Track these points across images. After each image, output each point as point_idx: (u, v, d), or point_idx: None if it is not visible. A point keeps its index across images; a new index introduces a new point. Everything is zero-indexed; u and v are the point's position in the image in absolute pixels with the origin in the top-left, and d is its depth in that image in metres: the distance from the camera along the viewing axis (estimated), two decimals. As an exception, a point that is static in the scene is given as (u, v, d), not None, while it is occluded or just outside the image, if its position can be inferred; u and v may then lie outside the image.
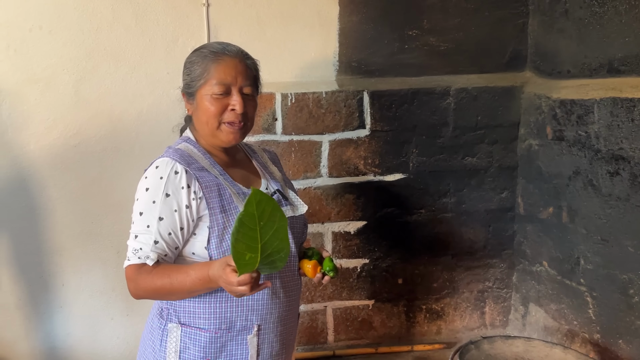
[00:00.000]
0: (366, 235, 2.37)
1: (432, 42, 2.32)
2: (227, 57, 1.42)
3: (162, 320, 1.44)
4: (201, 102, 1.40)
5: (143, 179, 1.39)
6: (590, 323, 1.97)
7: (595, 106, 1.88)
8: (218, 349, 1.40)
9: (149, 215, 1.35)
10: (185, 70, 1.45)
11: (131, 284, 1.38)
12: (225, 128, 1.41)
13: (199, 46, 1.49)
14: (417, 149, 2.34)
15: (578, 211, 2.00)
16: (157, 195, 1.35)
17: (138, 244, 1.36)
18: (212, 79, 1.39)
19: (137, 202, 1.38)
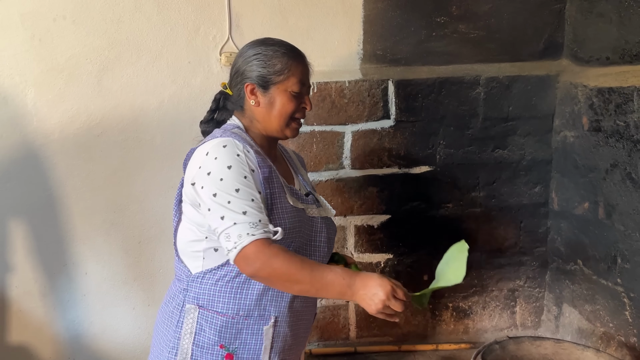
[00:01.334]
0: (390, 229, 2.29)
1: (462, 30, 2.22)
2: (303, 57, 1.50)
3: (179, 302, 1.45)
4: (278, 97, 1.45)
5: (212, 159, 1.34)
6: (627, 326, 1.85)
7: (635, 94, 1.75)
8: (233, 335, 1.40)
9: (247, 189, 1.32)
10: (259, 62, 1.45)
11: (258, 260, 1.27)
12: (293, 125, 1.49)
13: (259, 40, 1.51)
14: (444, 140, 2.25)
15: (616, 207, 1.88)
16: (245, 169, 1.34)
17: (254, 218, 1.29)
18: (294, 77, 1.45)
19: (221, 182, 1.31)
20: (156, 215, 2.24)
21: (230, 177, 1.32)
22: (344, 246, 2.29)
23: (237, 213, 1.29)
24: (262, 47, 1.47)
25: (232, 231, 1.28)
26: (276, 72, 1.44)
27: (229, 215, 1.29)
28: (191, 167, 1.41)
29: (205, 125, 1.58)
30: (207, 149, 1.37)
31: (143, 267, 2.27)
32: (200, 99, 2.16)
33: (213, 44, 2.14)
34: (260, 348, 1.42)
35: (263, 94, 1.46)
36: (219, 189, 1.31)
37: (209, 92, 2.16)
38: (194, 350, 1.40)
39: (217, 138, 1.39)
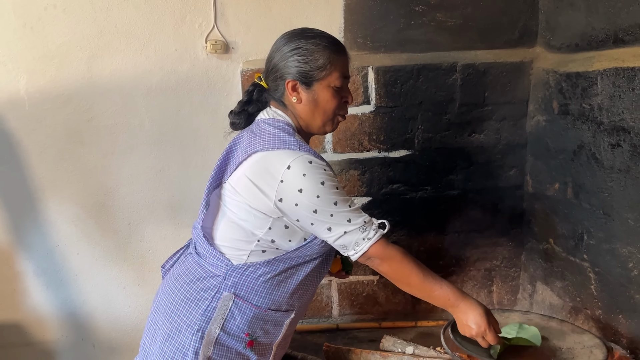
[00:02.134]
0: (371, 211, 2.38)
1: (440, 18, 2.30)
2: (344, 49, 1.48)
3: (213, 288, 1.47)
4: (322, 94, 1.44)
5: (301, 176, 1.36)
6: (593, 299, 1.94)
7: (598, 77, 1.84)
8: (260, 325, 1.48)
9: (344, 199, 1.39)
10: (300, 57, 1.43)
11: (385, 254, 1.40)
12: (337, 119, 1.50)
13: (298, 33, 1.48)
14: (422, 125, 2.34)
15: (582, 186, 1.97)
16: (335, 182, 1.40)
17: (359, 220, 1.38)
18: (337, 72, 1.44)
19: (318, 198, 1.36)
20: (145, 198, 2.32)
21: (327, 192, 1.36)
22: (326, 227, 2.38)
23: (344, 223, 1.37)
24: (303, 41, 1.44)
25: (346, 240, 1.39)
26: (319, 68, 1.42)
27: (336, 226, 1.38)
28: (264, 175, 1.40)
29: (236, 116, 1.57)
30: (288, 162, 1.37)
31: (133, 248, 2.35)
32: (187, 85, 2.24)
33: (199, 32, 2.22)
34: (277, 336, 1.51)
35: (306, 90, 1.44)
36: (318, 206, 1.36)
37: (195, 79, 2.26)
38: (220, 334, 1.44)
39: (294, 150, 1.39)
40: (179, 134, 2.29)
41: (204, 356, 1.43)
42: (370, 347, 2.11)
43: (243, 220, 1.46)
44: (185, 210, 2.33)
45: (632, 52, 1.72)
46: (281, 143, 1.41)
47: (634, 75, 1.67)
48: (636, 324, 1.73)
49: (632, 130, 1.68)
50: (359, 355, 1.99)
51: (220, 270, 1.48)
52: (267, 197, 1.40)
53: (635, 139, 1.67)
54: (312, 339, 2.26)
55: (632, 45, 1.75)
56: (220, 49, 2.21)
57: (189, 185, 2.31)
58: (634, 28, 1.73)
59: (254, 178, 1.42)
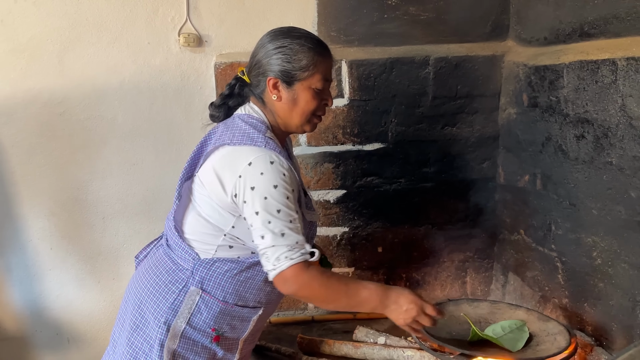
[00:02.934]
0: (346, 204, 2.40)
1: (413, 12, 2.32)
2: (329, 52, 1.48)
3: (180, 281, 1.48)
4: (302, 94, 1.43)
5: (258, 174, 1.35)
6: (560, 288, 1.98)
7: (564, 71, 1.87)
8: (226, 321, 1.49)
9: (288, 211, 1.35)
10: (283, 56, 1.43)
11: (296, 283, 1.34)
12: (314, 120, 1.49)
13: (284, 31, 1.47)
14: (396, 118, 2.35)
15: (550, 177, 2.01)
16: (288, 190, 1.36)
17: (291, 240, 1.33)
18: (319, 74, 1.43)
19: (265, 200, 1.33)
20: (119, 192, 2.32)
21: (274, 197, 1.34)
22: (302, 220, 2.40)
23: (276, 235, 1.33)
24: (288, 40, 1.43)
25: (270, 253, 1.34)
26: (302, 68, 1.42)
27: (268, 236, 1.33)
28: (226, 169, 1.40)
29: (216, 109, 1.56)
30: (250, 159, 1.37)
31: (107, 242, 2.35)
32: (160, 78, 2.24)
33: (172, 25, 2.21)
34: (244, 332, 1.53)
35: (286, 89, 1.44)
36: (261, 208, 1.34)
37: (169, 72, 2.26)
38: (186, 328, 1.45)
39: (259, 147, 1.38)
40: (152, 127, 2.28)
41: (169, 349, 1.44)
42: (345, 338, 2.14)
43: (208, 215, 1.46)
44: (159, 203, 2.33)
45: (597, 45, 1.75)
46: (248, 139, 1.41)
47: (597, 68, 1.70)
48: (600, 312, 1.77)
49: (595, 122, 1.72)
50: (332, 345, 2.01)
51: (188, 263, 1.48)
52: (225, 191, 1.41)
53: (598, 131, 1.71)
54: (287, 331, 2.27)
55: (597, 38, 1.78)
56: (194, 42, 2.21)
57: (163, 178, 2.30)
58: (599, 21, 1.77)
59: (219, 171, 1.42)
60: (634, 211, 1.58)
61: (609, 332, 1.73)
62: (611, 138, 1.65)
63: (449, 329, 1.75)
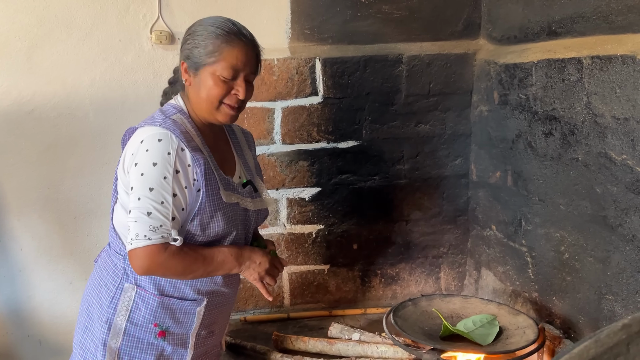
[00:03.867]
0: (321, 201, 2.41)
1: (386, 10, 2.33)
2: (241, 42, 1.42)
3: (116, 279, 1.47)
4: (206, 80, 1.41)
5: (144, 151, 1.34)
6: (530, 282, 2.02)
7: (533, 69, 1.90)
8: (167, 315, 1.47)
9: (161, 191, 1.33)
10: (192, 41, 1.42)
11: (147, 262, 1.34)
12: (224, 109, 1.43)
13: (208, 18, 1.46)
14: (370, 116, 2.37)
15: (520, 174, 2.04)
16: (168, 170, 1.34)
17: (155, 221, 1.33)
18: (223, 61, 1.39)
19: (141, 177, 1.33)
20: (91, 191, 2.29)
21: (150, 175, 1.33)
22: (277, 218, 2.40)
23: (141, 212, 1.33)
24: (201, 27, 1.43)
25: (132, 227, 1.33)
26: (207, 54, 1.39)
27: (134, 211, 1.33)
28: (127, 150, 1.41)
29: (164, 97, 1.58)
30: (143, 137, 1.36)
31: (79, 242, 2.32)
32: (132, 76, 2.21)
33: (143, 23, 2.19)
34: (192, 326, 1.50)
35: (194, 74, 1.42)
36: (136, 183, 1.34)
37: (141, 69, 2.23)
38: (128, 326, 1.45)
39: (155, 126, 1.37)
40: (125, 125, 2.20)
41: (112, 348, 1.44)
42: (320, 334, 2.15)
43: (124, 202, 1.45)
44: None
45: (563, 44, 1.79)
46: (149, 120, 1.41)
47: (564, 66, 1.73)
48: (568, 305, 1.81)
49: (562, 119, 1.75)
50: (307, 342, 2.02)
51: (120, 260, 1.48)
52: (124, 170, 1.41)
53: (565, 128, 1.74)
54: (263, 329, 2.27)
55: (563, 37, 1.82)
56: (166, 39, 2.19)
57: (136, 177, 2.28)
58: (566, 20, 1.80)
59: (125, 153, 1.42)
60: (599, 206, 1.61)
61: (576, 325, 1.77)
62: (577, 135, 1.68)
63: (422, 325, 1.77)
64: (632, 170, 1.46)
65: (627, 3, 1.54)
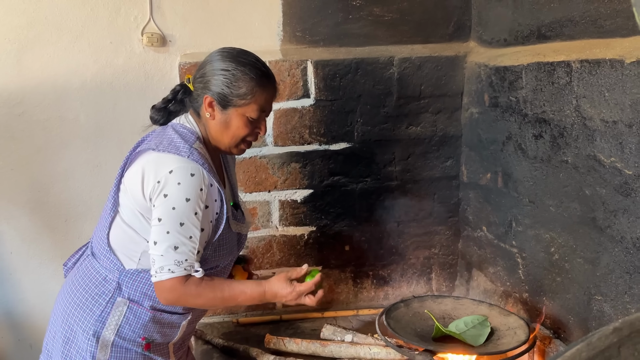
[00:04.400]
0: (313, 203, 2.42)
1: (377, 12, 2.35)
2: (271, 84, 1.48)
3: (107, 293, 1.48)
4: (235, 120, 1.44)
5: (175, 184, 1.36)
6: (521, 283, 2.04)
7: (523, 72, 1.92)
8: (156, 328, 1.50)
9: (191, 227, 1.37)
10: (224, 80, 1.43)
11: (173, 293, 1.40)
12: (243, 146, 1.51)
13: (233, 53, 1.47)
14: (361, 118, 2.38)
15: (511, 175, 2.06)
16: (200, 206, 1.37)
17: (181, 256, 1.37)
18: (255, 104, 1.43)
19: (173, 210, 1.36)
20: (82, 194, 2.28)
21: (182, 210, 1.35)
22: (269, 220, 2.40)
23: (169, 246, 1.36)
24: (233, 65, 1.43)
25: (157, 260, 1.37)
26: (239, 96, 1.42)
27: (161, 244, 1.37)
28: (148, 174, 1.40)
29: (157, 112, 1.56)
30: (172, 167, 1.37)
31: (70, 245, 2.26)
32: (123, 78, 2.21)
33: (134, 25, 2.18)
34: (174, 337, 1.55)
35: (220, 111, 1.45)
36: (166, 216, 1.36)
37: (132, 72, 2.23)
38: (116, 340, 1.47)
39: (183, 157, 1.38)
40: (115, 128, 2.25)
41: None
42: (313, 336, 2.15)
43: (131, 222, 1.47)
44: None
45: (553, 48, 1.81)
46: (174, 148, 1.42)
47: (553, 70, 1.75)
48: (558, 305, 1.83)
49: (552, 122, 1.77)
50: (300, 344, 2.02)
51: (114, 274, 1.48)
52: (144, 194, 1.41)
53: (554, 130, 1.76)
54: (256, 331, 2.27)
55: (553, 40, 1.84)
56: (157, 42, 2.19)
57: (128, 180, 2.27)
58: (555, 24, 1.82)
59: (144, 174, 1.42)
60: (588, 208, 1.64)
61: (566, 325, 1.79)
62: (567, 137, 1.71)
63: (414, 326, 1.78)
64: (621, 173, 1.49)
65: (615, 7, 1.56)
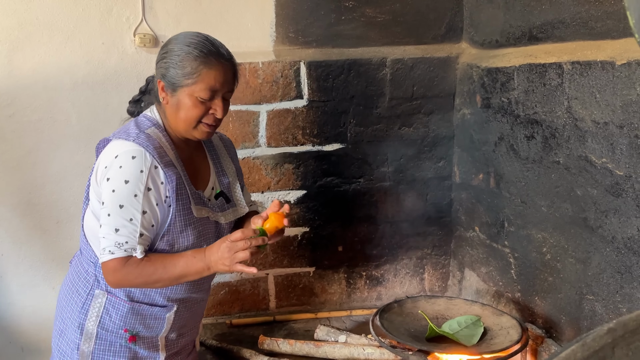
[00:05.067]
0: (306, 204, 2.42)
1: (369, 13, 2.35)
2: (220, 62, 1.40)
3: (87, 285, 1.50)
4: (183, 101, 1.40)
5: (117, 167, 1.35)
6: (513, 283, 2.05)
7: (515, 73, 1.94)
8: (137, 320, 1.50)
9: (130, 209, 1.36)
10: (170, 60, 1.40)
11: (115, 275, 1.39)
12: (202, 127, 1.44)
13: (184, 35, 1.43)
14: (354, 119, 2.38)
15: (503, 176, 2.08)
16: (139, 188, 1.36)
17: (122, 238, 1.37)
18: (201, 83, 1.38)
19: (112, 193, 1.35)
20: (74, 195, 2.26)
21: (122, 192, 1.35)
22: (262, 221, 2.40)
23: (110, 228, 1.37)
24: (179, 46, 1.41)
25: (101, 241, 1.39)
26: (185, 75, 1.38)
27: (104, 226, 1.38)
28: (100, 161, 1.42)
29: (133, 105, 1.58)
30: (118, 152, 1.37)
31: (62, 247, 2.28)
32: (115, 79, 2.20)
33: (127, 26, 2.17)
34: (161, 330, 1.54)
35: (171, 94, 1.42)
36: (107, 199, 1.37)
37: (124, 73, 2.22)
38: (99, 331, 1.48)
39: (129, 141, 1.37)
40: (108, 129, 2.18)
41: (84, 352, 1.48)
42: (306, 337, 2.16)
43: (95, 210, 1.46)
44: None
45: (544, 49, 1.82)
46: (124, 133, 1.42)
47: (544, 71, 1.77)
48: (550, 305, 1.85)
49: (543, 122, 1.79)
50: (293, 345, 2.02)
51: (91, 266, 1.50)
52: (97, 181, 1.43)
53: (546, 131, 1.78)
54: (249, 332, 2.27)
55: (544, 42, 1.85)
56: (150, 42, 2.18)
57: (120, 181, 2.26)
58: (546, 26, 1.84)
59: (98, 163, 1.44)
60: (580, 208, 1.65)
61: (558, 324, 1.81)
62: (558, 138, 1.72)
63: (407, 326, 1.79)
64: (612, 174, 1.50)
65: (605, 10, 1.58)
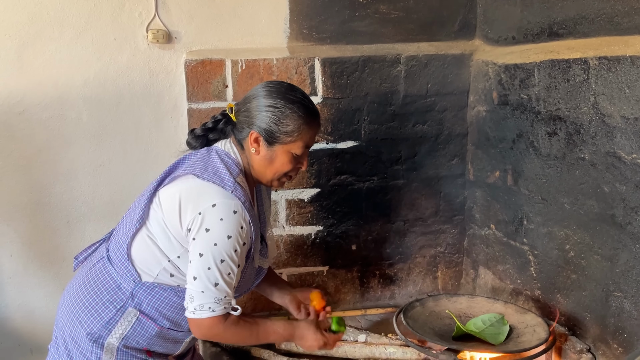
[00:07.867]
0: (320, 202, 2.39)
1: (383, 10, 2.33)
2: (317, 122, 1.49)
3: (118, 300, 1.46)
4: (280, 156, 1.45)
5: (217, 219, 1.35)
6: (532, 281, 2.04)
7: (535, 69, 1.92)
8: (159, 342, 1.50)
9: (230, 263, 1.37)
10: (272, 117, 1.42)
11: (211, 331, 1.40)
12: (284, 179, 1.51)
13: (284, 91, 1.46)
14: (368, 116, 2.36)
15: (521, 173, 2.06)
16: (239, 243, 1.37)
17: (221, 293, 1.37)
18: (301, 142, 1.44)
19: (215, 247, 1.35)
20: (84, 194, 2.22)
21: (224, 247, 1.35)
22: (276, 220, 2.37)
23: (209, 282, 1.36)
24: (282, 102, 1.43)
25: (196, 296, 1.37)
26: (286, 133, 1.43)
27: (201, 280, 1.36)
28: (188, 201, 1.39)
29: (195, 139, 1.54)
30: (215, 200, 1.36)
31: (72, 247, 2.24)
32: (127, 75, 2.16)
33: (139, 21, 2.14)
34: (176, 350, 1.56)
35: (266, 147, 1.45)
36: (207, 252, 1.35)
37: (136, 69, 2.19)
38: (120, 348, 1.46)
39: (227, 192, 1.37)
40: (119, 127, 2.20)
41: None
42: (322, 337, 2.13)
43: (157, 237, 1.45)
44: (127, 206, 2.19)
45: (566, 45, 1.81)
46: (218, 179, 1.41)
47: (568, 67, 1.76)
48: (573, 302, 1.83)
49: (567, 119, 1.78)
50: (312, 345, 1.99)
51: (129, 284, 1.46)
52: (181, 222, 1.40)
53: (570, 128, 1.77)
54: (263, 332, 2.24)
55: (565, 38, 1.84)
56: (162, 38, 2.14)
57: (131, 180, 2.22)
58: (568, 22, 1.83)
59: (182, 201, 1.41)
60: (607, 205, 1.64)
61: (582, 322, 1.80)
62: (583, 135, 1.71)
63: (432, 325, 1.77)
64: (642, 169, 1.49)
65: (632, 5, 1.57)
